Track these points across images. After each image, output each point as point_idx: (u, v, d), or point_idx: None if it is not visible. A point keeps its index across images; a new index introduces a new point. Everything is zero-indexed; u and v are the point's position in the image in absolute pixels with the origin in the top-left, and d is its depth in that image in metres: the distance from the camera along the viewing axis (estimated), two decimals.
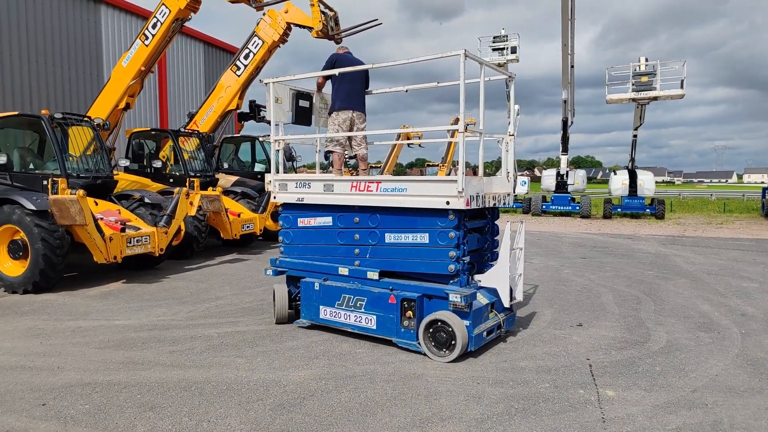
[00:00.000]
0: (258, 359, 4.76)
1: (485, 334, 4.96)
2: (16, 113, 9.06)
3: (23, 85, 14.60)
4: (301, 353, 4.92)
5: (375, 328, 5.19)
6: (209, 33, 25.19)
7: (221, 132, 14.57)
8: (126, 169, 11.22)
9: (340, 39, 12.04)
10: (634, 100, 20.03)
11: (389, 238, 5.25)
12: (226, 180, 13.42)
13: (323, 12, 11.47)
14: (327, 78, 6.52)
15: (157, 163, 11.56)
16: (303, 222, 5.91)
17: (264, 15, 12.36)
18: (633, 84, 19.79)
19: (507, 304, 5.15)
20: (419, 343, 4.92)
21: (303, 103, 6.35)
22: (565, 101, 21.08)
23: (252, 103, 15.82)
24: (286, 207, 6.05)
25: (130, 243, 8.03)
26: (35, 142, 9.43)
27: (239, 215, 11.38)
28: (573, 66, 20.35)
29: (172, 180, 11.69)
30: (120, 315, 6.31)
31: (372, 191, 5.25)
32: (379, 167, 26.32)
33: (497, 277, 5.10)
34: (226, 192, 12.28)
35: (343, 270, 5.51)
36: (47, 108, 14.01)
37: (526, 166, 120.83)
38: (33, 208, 7.36)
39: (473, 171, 5.64)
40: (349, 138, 6.58)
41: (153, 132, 13.14)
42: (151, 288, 7.85)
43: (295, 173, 15.40)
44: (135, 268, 9.14)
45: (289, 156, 14.92)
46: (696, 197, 40.86)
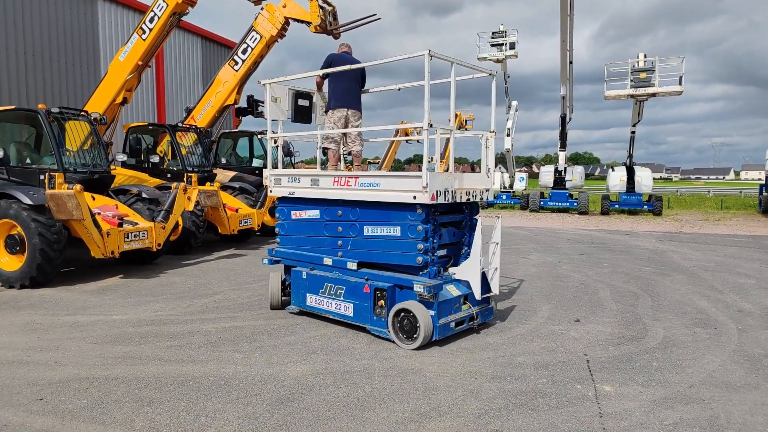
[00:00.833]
0: (256, 354, 4.76)
1: (453, 324, 5.11)
2: (12, 107, 9.01)
3: (20, 80, 14.53)
4: (299, 348, 4.93)
5: (352, 315, 5.46)
6: (207, 27, 25.09)
7: (219, 127, 14.52)
8: (123, 164, 11.18)
9: (338, 34, 11.99)
10: (632, 96, 20.02)
11: (367, 230, 5.50)
12: (223, 175, 13.39)
13: (321, 7, 11.42)
14: (324, 77, 6.68)
15: (155, 158, 11.52)
16: (295, 215, 6.20)
17: (262, 9, 12.30)
18: (631, 80, 19.77)
19: (478, 296, 5.28)
20: (389, 331, 5.11)
21: (302, 102, 6.55)
22: (564, 97, 21.07)
23: (250, 99, 15.78)
24: (281, 200, 6.34)
25: (127, 238, 8.01)
26: (32, 136, 9.40)
27: (237, 210, 11.37)
28: (572, 62, 20.34)
29: (169, 175, 11.66)
30: (117, 310, 6.30)
31: (351, 186, 5.51)
32: (377, 163, 26.32)
33: (469, 270, 5.27)
34: (223, 187, 12.27)
35: (327, 260, 5.79)
36: (44, 102, 13.95)
37: (524, 162, 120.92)
38: (30, 202, 7.34)
39: (471, 167, 5.71)
40: (345, 135, 6.72)
41: (150, 127, 13.09)
42: (149, 283, 7.84)
43: (293, 168, 15.40)
44: (132, 263, 9.13)
45: (287, 151, 14.89)
46: (693, 194, 40.94)
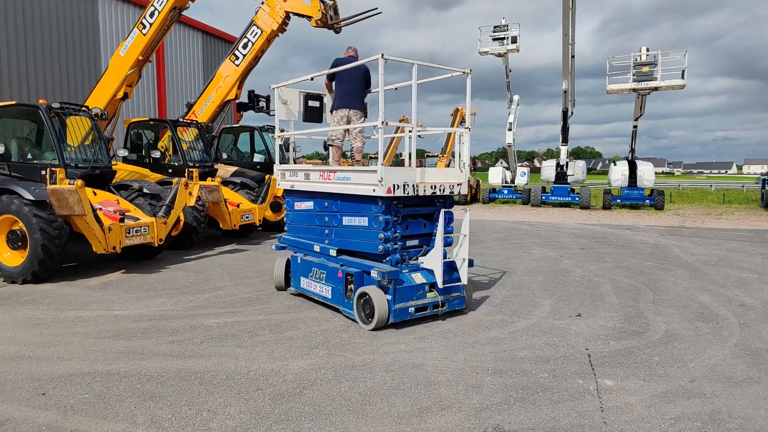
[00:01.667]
0: (257, 349, 4.76)
1: (413, 309, 5.46)
2: (13, 103, 9.00)
3: (20, 75, 14.51)
4: (301, 343, 4.93)
5: (330, 297, 6.01)
6: (208, 22, 25.01)
7: (220, 122, 14.51)
8: (124, 160, 11.18)
9: (339, 28, 11.94)
10: (634, 90, 19.95)
11: (345, 221, 6.00)
12: (225, 170, 13.37)
13: (322, 1, 11.36)
14: (331, 80, 7.20)
15: (156, 154, 11.52)
16: (297, 206, 6.80)
17: (262, 4, 12.25)
18: (634, 74, 19.70)
19: (440, 284, 5.54)
20: (354, 312, 5.53)
21: (313, 103, 7.04)
22: (566, 91, 20.99)
23: (251, 93, 15.73)
24: (287, 193, 6.92)
25: (129, 233, 8.02)
26: (33, 132, 9.38)
27: (238, 206, 11.36)
28: (574, 56, 20.25)
29: (170, 170, 11.65)
30: (119, 305, 6.31)
31: (330, 180, 6.01)
32: (377, 158, 26.23)
33: (433, 260, 5.60)
34: (225, 182, 12.25)
35: (316, 247, 6.34)
36: (45, 98, 13.94)
37: (525, 157, 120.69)
38: (31, 198, 7.34)
39: (473, 162, 5.87)
40: (348, 132, 7.11)
41: (151, 122, 13.07)
42: (151, 278, 7.85)
43: (294, 163, 15.36)
44: (134, 258, 9.14)
45: (287, 147, 14.86)
46: (695, 188, 40.86)
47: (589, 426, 3.38)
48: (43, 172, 7.88)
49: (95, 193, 8.51)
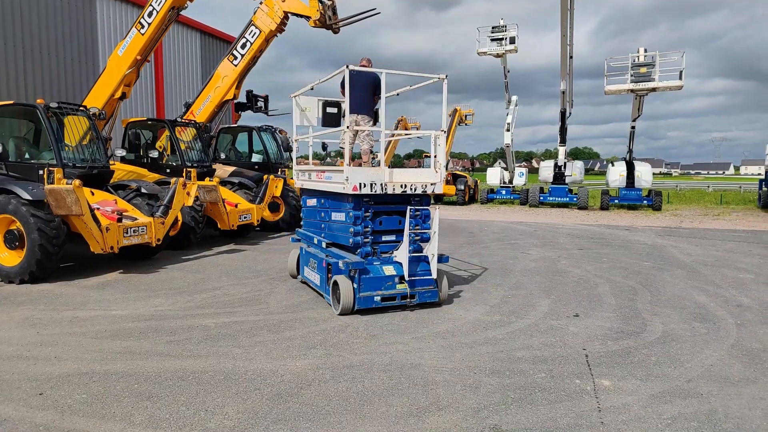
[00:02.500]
0: (255, 349, 4.77)
1: (379, 299, 5.87)
2: (11, 102, 8.97)
3: (18, 74, 14.48)
4: (299, 343, 4.93)
5: (319, 285, 6.60)
6: (206, 22, 25.00)
7: (218, 122, 14.49)
8: (122, 159, 11.15)
9: (338, 29, 11.95)
10: (632, 91, 19.99)
11: (333, 216, 6.55)
12: (223, 170, 13.36)
13: (321, 1, 11.37)
14: (344, 88, 7.91)
15: (154, 153, 11.50)
16: (308, 203, 7.59)
17: (261, 4, 12.25)
18: (632, 75, 19.75)
19: (406, 276, 5.91)
20: (330, 298, 6.07)
21: (330, 110, 7.54)
22: (564, 92, 21.03)
23: (249, 93, 15.72)
24: (302, 191, 7.87)
25: (126, 233, 8.01)
26: (31, 131, 9.36)
27: (236, 206, 11.35)
28: (572, 57, 20.28)
29: (168, 170, 11.63)
30: (117, 305, 6.31)
31: (321, 179, 6.66)
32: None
33: (401, 254, 6.00)
34: (223, 182, 12.25)
35: (316, 240, 6.95)
36: (42, 97, 13.91)
37: (524, 157, 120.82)
38: (29, 197, 7.33)
39: (471, 162, 6.08)
40: (355, 136, 7.65)
41: (149, 122, 13.05)
42: (148, 278, 7.84)
43: (293, 162, 15.37)
44: (132, 258, 9.12)
45: (287, 147, 14.89)
46: (693, 189, 40.94)
47: (587, 426, 3.39)
48: (41, 171, 7.86)
49: (93, 193, 8.49)
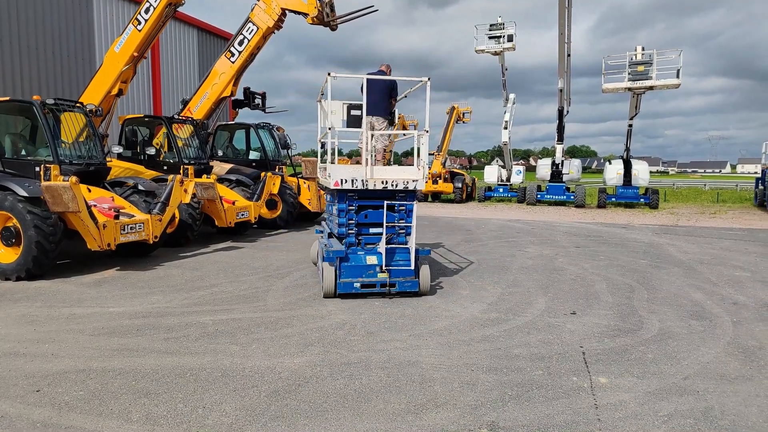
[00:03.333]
0: (253, 346, 4.77)
1: (358, 285, 6.35)
2: (7, 99, 8.92)
3: (14, 71, 14.41)
4: (296, 340, 4.93)
5: (320, 271, 6.91)
6: (203, 18, 24.91)
7: (215, 119, 14.46)
8: (119, 156, 11.11)
9: (335, 26, 11.92)
10: (630, 89, 19.99)
11: (331, 209, 7.11)
12: (220, 167, 13.34)
13: None
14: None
15: (151, 150, 11.46)
16: (326, 198, 8.26)
17: (259, 0, 12.21)
18: (629, 73, 19.74)
19: (383, 266, 6.35)
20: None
21: (355, 112, 7.96)
22: (561, 90, 21.04)
23: (246, 90, 15.69)
24: (322, 187, 8.61)
25: (123, 230, 7.99)
26: (27, 128, 9.33)
27: (234, 203, 11.33)
28: (569, 55, 20.28)
29: (166, 167, 11.61)
30: (114, 302, 6.29)
31: (325, 176, 6.94)
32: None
33: (382, 245, 6.42)
34: (220, 180, 12.23)
35: (327, 230, 7.48)
36: (39, 94, 13.83)
37: (521, 155, 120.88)
38: (25, 194, 7.30)
39: (468, 160, 6.19)
40: (370, 137, 8.27)
41: (146, 119, 13.01)
42: (146, 275, 7.83)
43: (290, 160, 15.38)
44: (129, 255, 9.10)
45: (284, 144, 14.87)
46: (690, 187, 41.05)
47: (584, 423, 3.41)
48: (38, 168, 7.84)
49: (90, 190, 8.47)
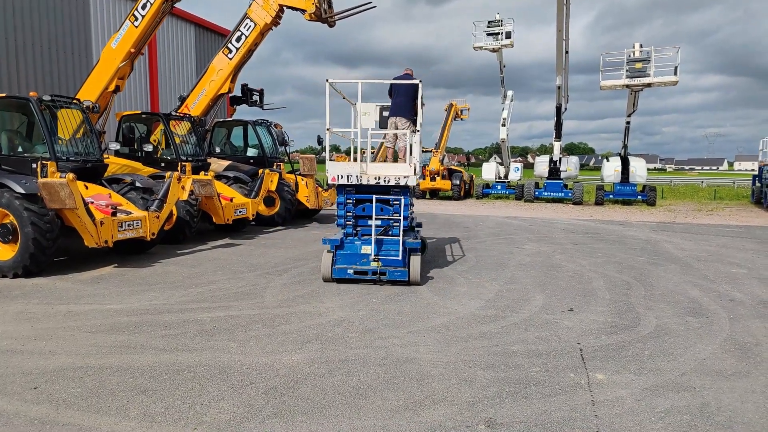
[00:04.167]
0: (251, 343, 4.77)
1: (351, 272, 6.94)
2: (4, 95, 8.89)
3: (11, 67, 14.34)
4: (294, 337, 4.94)
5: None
6: (200, 14, 24.84)
7: (213, 116, 14.42)
8: (116, 153, 11.10)
9: (333, 22, 11.90)
10: (627, 86, 19.98)
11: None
12: (218, 164, 13.32)
13: None
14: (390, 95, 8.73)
15: (148, 147, 11.44)
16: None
17: None
18: (627, 70, 19.73)
19: (372, 255, 6.89)
20: None
21: (386, 113, 8.44)
22: (559, 87, 21.02)
23: (244, 87, 15.64)
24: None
25: (121, 227, 7.97)
26: (24, 124, 9.29)
27: (231, 200, 11.31)
28: (567, 52, 20.27)
29: (163, 164, 11.58)
30: (111, 299, 6.29)
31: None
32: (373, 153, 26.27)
33: (371, 238, 6.99)
34: (218, 176, 12.20)
35: (340, 221, 7.62)
36: (36, 90, 13.79)
37: (519, 152, 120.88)
38: (22, 191, 7.27)
39: (466, 157, 6.34)
40: (395, 136, 8.79)
41: (143, 115, 12.99)
42: (143, 272, 7.82)
43: (288, 157, 15.36)
44: (126, 252, 9.09)
45: (282, 141, 14.84)
46: (687, 184, 41.12)
47: (581, 419, 3.42)
48: (34, 165, 7.81)
49: (87, 187, 8.45)
